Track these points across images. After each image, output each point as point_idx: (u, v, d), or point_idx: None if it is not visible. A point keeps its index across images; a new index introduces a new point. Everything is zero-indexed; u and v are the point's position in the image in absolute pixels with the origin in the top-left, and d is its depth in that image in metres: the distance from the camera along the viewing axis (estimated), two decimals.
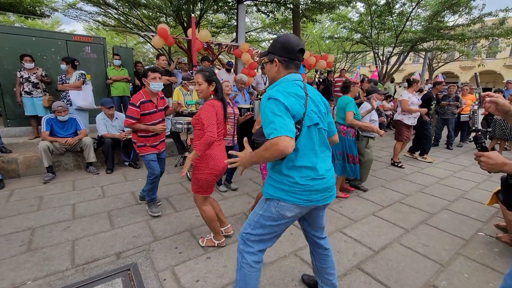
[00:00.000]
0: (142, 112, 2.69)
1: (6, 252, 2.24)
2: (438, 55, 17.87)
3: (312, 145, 1.43)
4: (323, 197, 1.50)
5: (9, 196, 3.32)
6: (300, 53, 1.43)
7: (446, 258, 2.33)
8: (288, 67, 1.43)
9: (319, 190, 1.46)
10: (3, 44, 4.80)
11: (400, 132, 4.98)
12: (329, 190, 1.53)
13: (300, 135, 1.38)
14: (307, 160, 1.42)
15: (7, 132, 4.95)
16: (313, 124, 1.41)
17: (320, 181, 1.46)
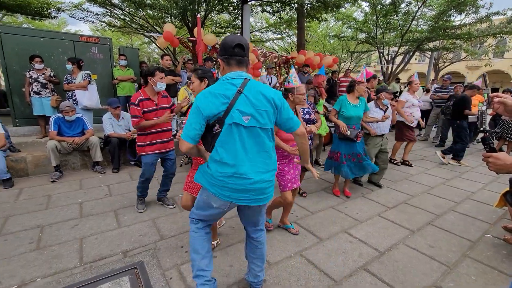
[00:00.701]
0: (143, 109, 2.72)
1: (16, 249, 2.28)
2: (444, 54, 17.66)
3: (234, 143, 1.44)
4: (243, 197, 1.50)
5: (18, 194, 3.38)
6: (239, 48, 1.44)
7: (453, 260, 2.31)
8: (229, 64, 1.47)
9: (237, 190, 1.47)
10: (12, 45, 4.88)
11: (400, 132, 5.00)
12: (253, 193, 1.49)
13: (221, 132, 1.44)
14: (227, 157, 1.45)
15: (16, 131, 5.03)
16: (233, 122, 1.41)
17: (240, 181, 1.45)
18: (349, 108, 3.41)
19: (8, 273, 2.00)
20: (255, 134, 1.46)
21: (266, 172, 1.51)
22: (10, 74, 4.94)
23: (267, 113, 1.46)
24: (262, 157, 1.50)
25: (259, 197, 1.53)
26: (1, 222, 2.70)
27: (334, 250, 2.40)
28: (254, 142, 1.47)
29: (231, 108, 1.40)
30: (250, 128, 1.44)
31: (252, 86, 1.45)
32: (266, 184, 1.52)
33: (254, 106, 1.43)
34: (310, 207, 3.24)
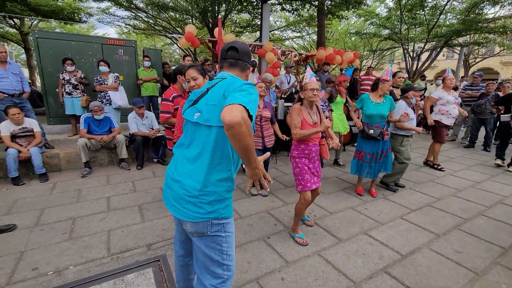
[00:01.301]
0: (176, 106, 2.79)
1: (51, 239, 2.47)
2: (475, 50, 16.64)
3: (182, 139, 1.37)
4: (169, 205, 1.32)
5: (52, 188, 3.64)
6: (232, 51, 1.38)
7: (482, 267, 2.19)
8: (222, 67, 1.42)
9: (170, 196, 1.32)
10: (47, 49, 5.24)
11: (440, 133, 4.61)
12: (173, 195, 1.27)
13: None
14: (175, 153, 1.39)
15: (50, 129, 5.39)
16: (184, 117, 1.37)
17: (171, 183, 1.30)
18: (370, 107, 3.36)
19: (44, 260, 2.17)
20: (198, 131, 1.25)
21: (187, 178, 1.23)
22: (45, 76, 5.31)
23: (215, 107, 1.18)
24: (201, 161, 1.22)
25: (174, 204, 1.27)
26: (38, 214, 2.93)
27: (354, 251, 2.37)
28: (197, 141, 1.24)
29: (192, 104, 1.33)
30: (195, 124, 1.26)
31: (221, 83, 1.24)
32: (184, 192, 1.22)
33: (206, 101, 1.24)
34: (329, 207, 3.21)
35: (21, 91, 4.29)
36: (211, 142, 1.20)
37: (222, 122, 1.01)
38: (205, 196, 1.21)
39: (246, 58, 1.40)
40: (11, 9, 9.77)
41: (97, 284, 1.90)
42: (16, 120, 3.73)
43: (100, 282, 1.92)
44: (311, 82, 2.42)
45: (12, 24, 12.75)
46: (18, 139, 3.80)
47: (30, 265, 2.11)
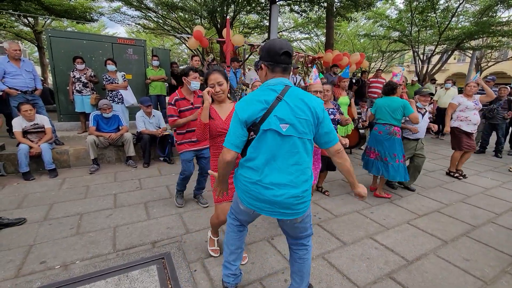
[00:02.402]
0: (179, 109, 2.83)
1: (59, 233, 2.51)
2: (488, 53, 16.30)
3: (265, 150, 1.38)
4: (267, 208, 1.43)
5: (61, 184, 3.71)
6: (285, 56, 1.38)
7: (490, 275, 2.14)
8: (274, 71, 1.41)
9: (259, 199, 1.42)
10: (59, 47, 5.35)
11: (458, 141, 4.39)
12: (277, 206, 1.40)
13: (255, 138, 1.40)
14: (254, 163, 1.42)
15: (60, 126, 5.50)
16: (270, 129, 1.35)
17: (264, 191, 1.40)
18: None
19: (52, 254, 2.22)
20: (291, 144, 1.36)
21: (295, 187, 1.39)
22: (57, 73, 5.42)
23: (307, 122, 1.36)
24: (294, 169, 1.39)
25: (285, 211, 1.42)
26: (47, 208, 2.99)
27: (358, 255, 2.34)
28: (288, 152, 1.37)
29: (268, 114, 1.34)
30: (287, 137, 1.35)
31: (294, 93, 1.37)
32: (294, 200, 1.40)
33: (294, 114, 1.34)
34: (334, 210, 3.19)
35: (34, 88, 4.39)
36: (302, 151, 1.40)
37: (338, 150, 1.46)
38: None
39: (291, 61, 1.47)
40: (26, 8, 10.01)
41: (102, 280, 1.93)
42: (28, 117, 3.82)
43: (105, 278, 1.94)
44: (315, 84, 2.45)
45: (26, 23, 13.09)
46: (29, 135, 3.89)
47: (39, 258, 2.16)
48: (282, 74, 1.42)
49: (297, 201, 1.41)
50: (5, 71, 4.08)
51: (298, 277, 1.68)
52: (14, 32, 13.91)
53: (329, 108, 3.23)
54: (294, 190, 1.39)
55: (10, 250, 2.24)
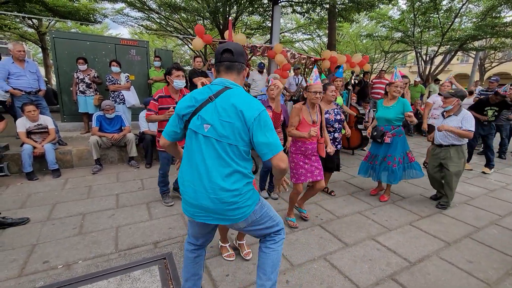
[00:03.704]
0: (160, 106, 2.85)
1: (62, 233, 2.53)
2: (491, 54, 16.19)
3: (192, 150, 1.36)
4: (199, 214, 1.38)
5: (64, 184, 3.73)
6: (227, 53, 1.37)
7: (494, 278, 2.12)
8: (218, 71, 1.41)
9: (191, 204, 1.37)
10: (63, 49, 5.39)
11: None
12: (208, 211, 1.34)
13: (186, 136, 1.42)
14: (185, 164, 1.41)
15: (64, 126, 5.54)
16: (192, 129, 1.35)
17: (192, 193, 1.35)
18: (379, 110, 3.45)
19: (55, 253, 2.23)
20: (212, 146, 1.31)
21: (224, 190, 1.30)
22: (60, 74, 5.46)
23: (231, 126, 1.28)
24: (220, 173, 1.31)
25: (219, 217, 1.36)
26: (50, 208, 3.01)
27: (360, 256, 2.33)
28: (214, 155, 1.31)
29: (196, 113, 1.34)
30: (207, 138, 1.32)
31: (228, 96, 1.31)
32: (224, 206, 1.32)
33: (218, 116, 1.29)
34: (336, 211, 3.18)
35: (38, 89, 4.42)
36: (225, 155, 1.32)
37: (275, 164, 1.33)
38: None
39: (241, 59, 1.40)
40: (30, 9, 10.10)
41: (105, 280, 1.93)
42: (31, 117, 3.85)
43: (108, 278, 1.95)
44: (315, 85, 2.52)
45: (30, 24, 13.20)
46: (33, 135, 3.92)
47: (42, 257, 2.17)
48: (226, 74, 1.39)
49: (229, 207, 1.33)
50: (9, 72, 4.12)
51: (261, 272, 1.52)
52: (18, 33, 14.05)
53: (333, 108, 3.27)
54: (222, 194, 1.31)
55: (13, 250, 2.26)
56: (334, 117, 3.23)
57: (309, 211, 3.14)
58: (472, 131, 3.08)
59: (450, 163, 3.23)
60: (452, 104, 3.18)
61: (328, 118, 3.22)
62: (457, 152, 3.22)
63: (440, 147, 3.34)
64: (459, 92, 3.19)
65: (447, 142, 3.26)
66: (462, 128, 3.09)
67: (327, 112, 3.23)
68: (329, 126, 3.25)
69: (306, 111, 2.62)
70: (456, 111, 3.20)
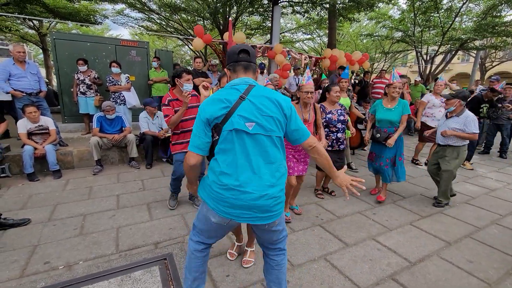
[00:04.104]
0: (174, 109, 2.84)
1: (63, 234, 2.54)
2: (492, 53, 16.16)
3: (235, 152, 1.31)
4: (245, 215, 1.34)
5: (65, 185, 3.74)
6: (244, 54, 1.39)
7: (494, 277, 2.12)
8: (235, 71, 1.40)
9: (238, 206, 1.32)
10: (64, 50, 5.40)
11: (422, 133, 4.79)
12: (256, 210, 1.33)
13: (220, 140, 1.33)
14: (226, 167, 1.32)
15: (64, 127, 5.56)
16: (234, 129, 1.29)
17: (241, 195, 1.30)
18: (380, 112, 3.43)
19: (56, 254, 2.24)
20: (260, 143, 1.31)
21: (272, 186, 1.33)
22: (61, 75, 5.47)
23: (273, 119, 1.32)
24: (268, 169, 1.33)
25: (264, 215, 1.36)
26: (51, 209, 3.02)
27: (361, 256, 2.33)
28: (259, 152, 1.31)
29: (231, 113, 1.29)
30: (254, 136, 1.30)
31: (258, 91, 1.34)
32: (272, 201, 1.34)
33: (259, 112, 1.30)
34: (336, 211, 3.18)
35: (38, 90, 4.44)
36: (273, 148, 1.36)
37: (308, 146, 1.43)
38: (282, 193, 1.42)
39: (254, 60, 1.46)
40: (30, 11, 10.14)
41: (105, 280, 1.94)
42: (32, 118, 3.87)
43: (108, 278, 1.96)
44: (307, 85, 2.61)
45: (31, 26, 13.24)
46: (34, 136, 3.94)
47: (43, 258, 2.18)
48: (245, 73, 1.40)
49: (275, 202, 1.36)
50: (10, 73, 4.14)
51: (276, 286, 1.56)
52: (19, 35, 14.09)
53: (337, 109, 3.28)
54: (271, 189, 1.34)
55: (14, 250, 2.27)
56: (337, 117, 3.24)
57: (309, 211, 3.15)
58: (476, 133, 3.10)
59: (442, 162, 3.32)
60: (454, 106, 3.19)
61: (331, 118, 3.22)
62: (452, 152, 3.26)
63: (439, 146, 3.42)
64: (460, 93, 3.18)
65: (443, 142, 3.32)
66: (466, 131, 3.12)
67: (330, 112, 3.24)
68: (331, 126, 3.26)
69: (299, 109, 2.72)
70: (459, 112, 3.20)
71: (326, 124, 3.26)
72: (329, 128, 3.28)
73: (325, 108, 3.27)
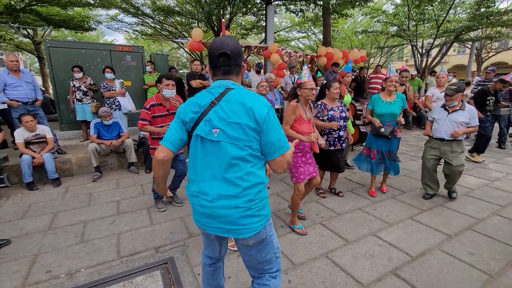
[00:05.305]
0: (153, 114, 2.83)
1: (64, 242, 2.53)
2: (487, 44, 16.18)
3: (197, 157, 1.28)
4: (210, 224, 1.28)
5: (65, 192, 3.74)
6: (224, 57, 1.22)
7: (496, 268, 2.13)
8: (215, 74, 1.30)
9: (203, 214, 1.28)
10: (58, 57, 5.39)
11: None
12: (219, 220, 1.25)
13: (190, 145, 1.32)
14: (191, 172, 1.32)
15: (62, 135, 5.55)
16: (198, 134, 1.25)
17: (202, 201, 1.26)
18: (381, 106, 3.38)
19: (57, 263, 2.23)
20: (224, 150, 1.21)
21: (235, 197, 1.22)
22: (57, 83, 5.46)
23: (241, 126, 1.19)
24: (232, 177, 1.23)
25: (229, 228, 1.25)
26: (51, 217, 3.01)
27: (362, 253, 2.34)
28: (222, 159, 1.23)
29: (201, 119, 1.24)
30: (218, 143, 1.22)
31: (233, 96, 1.23)
32: (235, 211, 1.23)
33: (226, 118, 1.21)
34: (336, 209, 3.18)
35: (34, 99, 4.43)
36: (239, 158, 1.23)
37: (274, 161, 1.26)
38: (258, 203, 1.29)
39: (238, 60, 1.27)
40: (24, 19, 10.11)
41: (107, 287, 1.94)
42: (29, 127, 3.86)
43: (110, 285, 1.96)
44: (309, 82, 2.55)
45: (25, 34, 13.21)
46: (31, 145, 3.93)
47: (44, 267, 2.18)
48: (224, 77, 1.28)
49: (241, 214, 1.23)
50: (5, 83, 4.13)
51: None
52: (14, 44, 14.07)
53: (338, 106, 3.22)
54: (235, 200, 1.23)
55: (16, 261, 2.26)
56: (340, 114, 3.16)
57: (309, 210, 3.15)
58: (478, 125, 3.20)
59: (453, 157, 3.19)
60: (457, 100, 3.15)
61: (333, 115, 3.14)
62: (459, 146, 3.22)
63: (441, 141, 3.28)
64: (461, 86, 3.14)
65: (450, 137, 3.20)
66: (469, 124, 3.15)
67: (332, 109, 3.15)
68: None
69: (301, 108, 2.61)
70: (462, 105, 3.19)
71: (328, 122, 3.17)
72: None
73: (326, 106, 3.17)
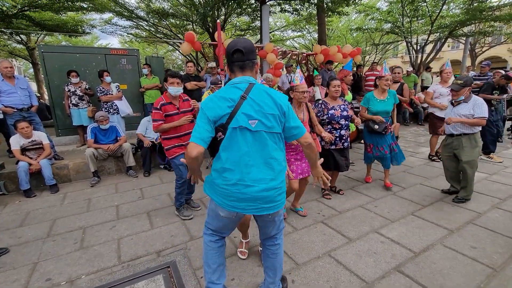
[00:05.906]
0: (165, 113, 2.81)
1: (63, 249, 2.50)
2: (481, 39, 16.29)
3: (238, 149, 1.39)
4: (250, 207, 1.44)
5: (63, 199, 3.70)
6: (238, 53, 1.40)
7: (499, 262, 2.13)
8: (232, 71, 1.46)
9: (242, 199, 1.42)
10: (53, 63, 5.35)
11: (433, 125, 4.64)
12: (260, 202, 1.44)
13: (225, 137, 1.40)
14: (230, 163, 1.41)
15: (59, 141, 5.50)
16: (239, 126, 1.37)
17: (245, 189, 1.40)
18: (376, 104, 3.45)
19: (57, 270, 2.20)
20: (262, 139, 1.40)
21: (273, 180, 1.44)
22: (52, 88, 5.42)
23: (274, 116, 1.41)
24: (269, 163, 1.43)
25: (268, 206, 1.46)
26: (50, 224, 2.98)
27: (365, 250, 2.33)
28: (260, 147, 1.41)
29: (236, 111, 1.36)
30: (256, 133, 1.39)
31: (258, 90, 1.41)
32: (274, 192, 1.46)
33: (261, 109, 1.38)
34: (337, 207, 3.17)
35: (30, 105, 4.38)
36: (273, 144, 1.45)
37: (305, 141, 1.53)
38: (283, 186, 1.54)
39: (251, 56, 1.44)
40: (17, 25, 10.02)
41: None
42: (25, 134, 3.81)
43: None
44: (302, 85, 2.56)
45: (19, 40, 13.09)
46: (28, 152, 3.88)
47: (44, 275, 2.14)
48: (242, 73, 1.45)
49: (278, 192, 1.47)
50: (0, 90, 4.08)
51: (271, 272, 1.71)
52: (7, 50, 13.94)
53: (340, 104, 3.20)
54: (273, 182, 1.44)
55: (15, 269, 2.23)
56: (340, 113, 3.14)
57: (311, 208, 3.13)
58: (484, 117, 2.91)
59: (462, 152, 3.06)
60: (464, 95, 3.02)
61: (333, 114, 3.12)
62: (469, 140, 3.05)
63: (451, 136, 3.20)
64: (469, 80, 3.01)
65: (457, 131, 3.11)
66: (474, 116, 2.96)
67: (332, 108, 3.14)
68: (334, 122, 3.16)
69: (294, 110, 2.61)
70: (467, 98, 3.05)
71: (328, 121, 3.16)
72: (332, 125, 3.17)
73: (327, 104, 3.16)
